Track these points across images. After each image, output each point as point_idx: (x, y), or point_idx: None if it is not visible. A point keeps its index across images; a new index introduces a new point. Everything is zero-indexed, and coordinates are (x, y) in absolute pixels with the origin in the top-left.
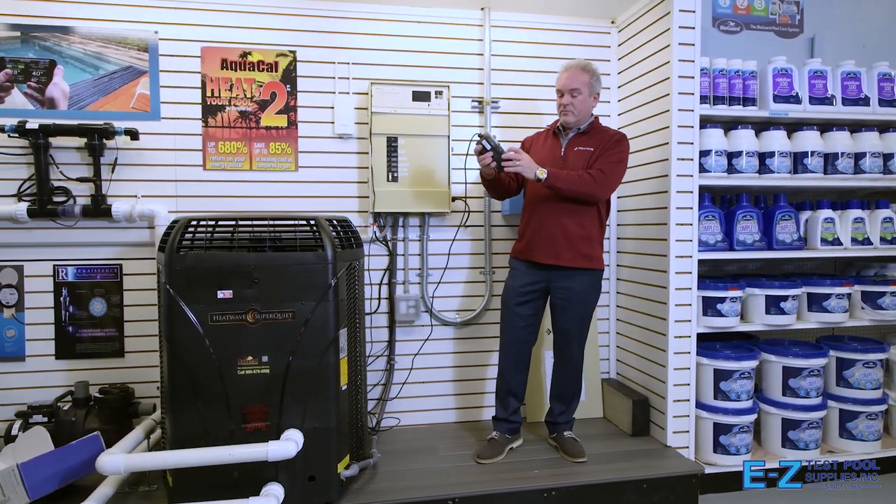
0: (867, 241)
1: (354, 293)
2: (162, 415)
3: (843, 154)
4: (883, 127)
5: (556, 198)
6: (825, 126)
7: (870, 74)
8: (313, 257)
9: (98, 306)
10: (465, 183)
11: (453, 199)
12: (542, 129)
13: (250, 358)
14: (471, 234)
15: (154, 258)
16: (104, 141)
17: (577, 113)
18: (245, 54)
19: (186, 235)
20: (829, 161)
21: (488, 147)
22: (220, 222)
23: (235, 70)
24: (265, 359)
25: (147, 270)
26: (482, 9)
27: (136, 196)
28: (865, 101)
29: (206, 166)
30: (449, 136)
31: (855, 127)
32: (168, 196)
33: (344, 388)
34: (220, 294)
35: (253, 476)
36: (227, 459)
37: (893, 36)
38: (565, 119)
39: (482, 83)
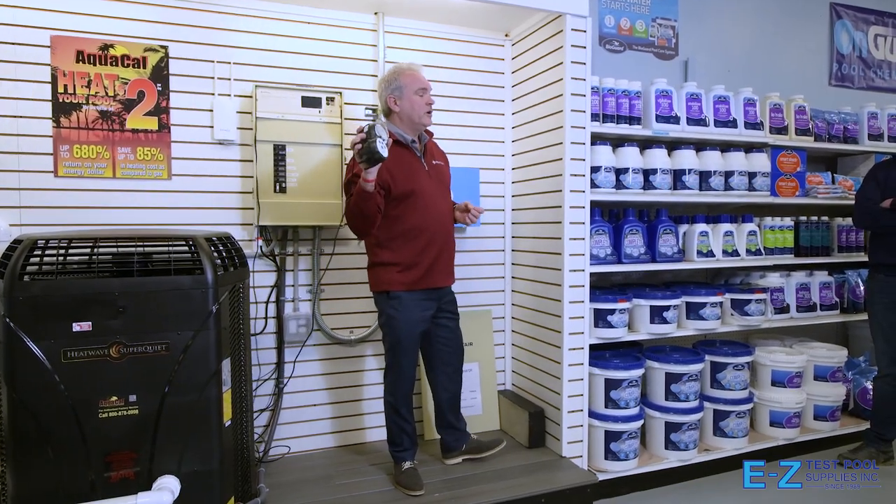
0: (735, 253)
1: (239, 318)
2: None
3: (715, 172)
4: (748, 147)
5: (452, 220)
6: (700, 145)
7: (737, 99)
8: (191, 281)
9: None
10: None
11: None
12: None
13: (115, 398)
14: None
15: None
16: None
17: None
18: (106, 47)
19: (32, 259)
20: (704, 178)
21: (370, 135)
22: (75, 241)
23: (95, 64)
24: (133, 398)
25: None
26: (376, 13)
27: None
28: (734, 124)
29: (58, 173)
30: (342, 146)
31: (725, 147)
32: (9, 207)
33: (228, 423)
34: (77, 326)
35: None
36: None
37: (753, 62)
38: (429, 120)
39: (376, 90)
